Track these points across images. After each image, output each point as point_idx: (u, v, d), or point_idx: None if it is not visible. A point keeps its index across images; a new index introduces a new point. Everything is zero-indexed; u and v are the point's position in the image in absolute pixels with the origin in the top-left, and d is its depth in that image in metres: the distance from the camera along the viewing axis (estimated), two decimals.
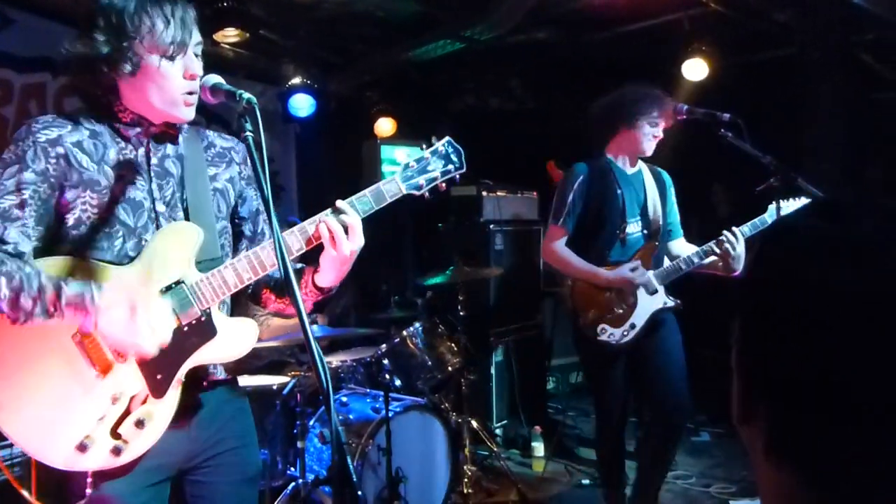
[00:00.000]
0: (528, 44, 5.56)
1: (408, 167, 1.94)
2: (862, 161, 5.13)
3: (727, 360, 0.82)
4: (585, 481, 4.68)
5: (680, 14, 4.99)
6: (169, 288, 1.74)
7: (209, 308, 1.78)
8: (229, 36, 4.47)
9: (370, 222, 1.92)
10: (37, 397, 1.68)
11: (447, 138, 2.00)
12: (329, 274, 1.88)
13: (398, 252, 6.60)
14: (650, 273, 3.40)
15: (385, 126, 6.21)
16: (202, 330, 1.77)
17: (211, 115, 4.82)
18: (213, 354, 1.80)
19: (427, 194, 1.96)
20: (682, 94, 3.47)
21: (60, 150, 1.71)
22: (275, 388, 3.77)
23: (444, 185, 1.98)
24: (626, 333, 3.38)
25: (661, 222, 3.52)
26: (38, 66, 4.38)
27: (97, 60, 1.71)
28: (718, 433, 5.47)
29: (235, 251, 2.01)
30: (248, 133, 1.56)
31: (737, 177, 3.66)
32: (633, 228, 3.49)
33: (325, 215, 1.82)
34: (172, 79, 1.75)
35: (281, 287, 2.00)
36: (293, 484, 3.62)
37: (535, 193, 5.96)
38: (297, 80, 5.26)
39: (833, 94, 4.88)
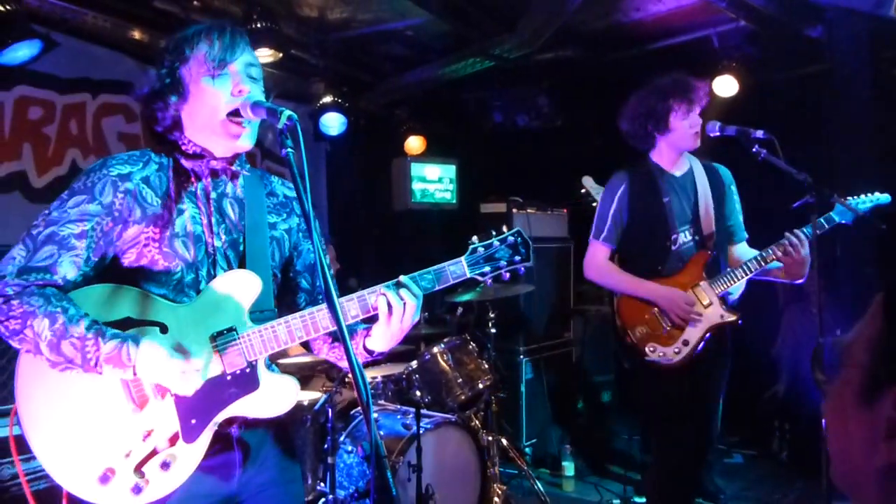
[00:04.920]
0: (557, 62, 5.59)
1: (475, 251, 1.91)
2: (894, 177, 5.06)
3: (757, 381, 0.82)
4: (616, 501, 4.63)
5: (709, 31, 4.99)
6: (220, 334, 1.74)
7: (255, 360, 1.77)
8: (262, 56, 4.55)
9: (403, 244, 1.92)
10: (69, 421, 1.68)
11: (517, 229, 1.97)
12: (380, 342, 1.88)
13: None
14: (703, 283, 3.14)
15: (414, 144, 6.26)
16: (245, 381, 1.76)
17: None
18: (251, 408, 1.78)
19: (489, 281, 1.94)
20: (712, 110, 3.39)
21: (130, 185, 1.74)
22: (305, 403, 3.79)
23: (507, 274, 1.94)
24: (678, 351, 3.09)
25: (713, 227, 3.22)
26: (79, 86, 4.51)
27: (151, 96, 1.79)
28: (751, 455, 5.38)
29: (294, 304, 2.02)
30: (289, 150, 1.56)
31: (771, 193, 3.59)
32: (685, 237, 3.21)
33: (387, 287, 1.80)
34: (219, 96, 1.78)
35: (336, 338, 1.98)
36: (323, 500, 3.62)
37: (564, 211, 5.96)
38: (327, 99, 5.32)
39: (864, 111, 4.83)
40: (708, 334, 3.12)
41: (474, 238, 1.93)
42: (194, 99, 1.79)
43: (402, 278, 1.82)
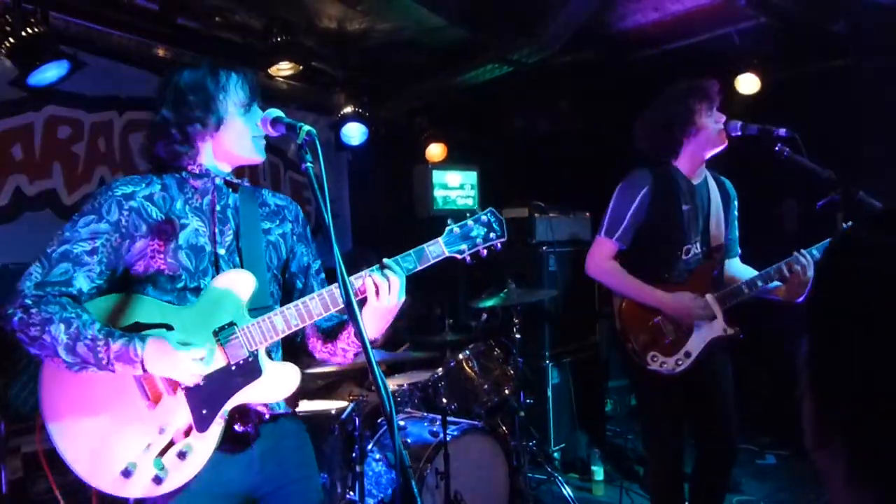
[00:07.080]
0: (576, 65, 5.58)
1: (451, 231, 2.03)
2: None
3: (789, 380, 0.78)
4: None
5: (730, 29, 4.95)
6: (222, 329, 1.87)
7: (257, 350, 1.89)
8: (283, 69, 4.61)
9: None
10: (91, 421, 1.82)
11: (490, 209, 2.09)
12: (370, 325, 1.97)
13: (451, 274, 6.64)
14: (709, 297, 3.10)
15: (435, 151, 6.28)
16: (248, 370, 1.88)
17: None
18: (257, 394, 1.91)
19: (468, 259, 2.05)
20: (735, 109, 3.34)
21: (133, 203, 1.89)
22: (333, 412, 3.81)
23: (484, 251, 2.05)
24: (679, 362, 3.07)
25: (722, 240, 3.22)
26: (106, 104, 4.61)
27: (187, 123, 1.93)
28: (784, 456, 5.30)
29: (288, 303, 2.11)
30: (308, 164, 1.65)
31: (804, 193, 3.53)
32: (696, 248, 3.19)
33: (371, 271, 1.93)
34: (248, 129, 1.98)
35: (327, 335, 2.14)
36: None
37: (587, 214, 5.93)
38: (348, 109, 5.36)
39: (889, 105, 4.76)
40: (708, 346, 3.12)
41: (449, 220, 2.06)
42: (226, 128, 1.98)
43: (385, 260, 1.96)
